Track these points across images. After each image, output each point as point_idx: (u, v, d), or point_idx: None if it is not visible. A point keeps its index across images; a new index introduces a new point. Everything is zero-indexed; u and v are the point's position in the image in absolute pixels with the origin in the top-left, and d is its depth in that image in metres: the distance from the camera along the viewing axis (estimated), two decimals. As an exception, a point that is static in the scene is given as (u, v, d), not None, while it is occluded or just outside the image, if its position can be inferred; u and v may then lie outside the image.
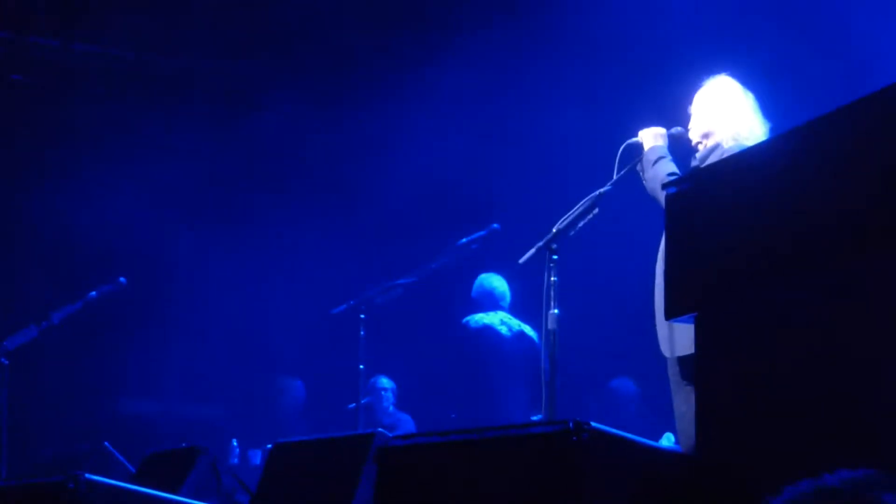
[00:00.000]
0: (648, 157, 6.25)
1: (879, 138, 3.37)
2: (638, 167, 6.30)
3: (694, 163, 6.24)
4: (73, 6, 11.25)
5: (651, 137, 6.33)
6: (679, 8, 9.61)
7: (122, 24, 11.34)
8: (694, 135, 6.31)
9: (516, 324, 9.69)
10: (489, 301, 9.83)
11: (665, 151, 6.25)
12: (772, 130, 6.17)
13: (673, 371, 5.97)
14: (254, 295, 12.13)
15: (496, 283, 9.88)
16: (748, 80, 6.42)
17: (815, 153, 3.60)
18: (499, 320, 9.68)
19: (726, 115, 6.23)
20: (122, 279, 9.37)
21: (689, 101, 6.41)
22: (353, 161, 11.84)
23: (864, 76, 8.20)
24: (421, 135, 11.19)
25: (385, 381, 11.49)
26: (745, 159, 4.25)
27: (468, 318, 9.70)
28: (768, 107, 6.32)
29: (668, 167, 6.11)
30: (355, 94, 11.80)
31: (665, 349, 5.95)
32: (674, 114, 6.51)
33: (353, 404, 9.04)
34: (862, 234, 3.36)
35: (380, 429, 4.97)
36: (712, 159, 6.06)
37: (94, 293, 9.27)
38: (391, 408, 11.39)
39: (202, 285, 12.20)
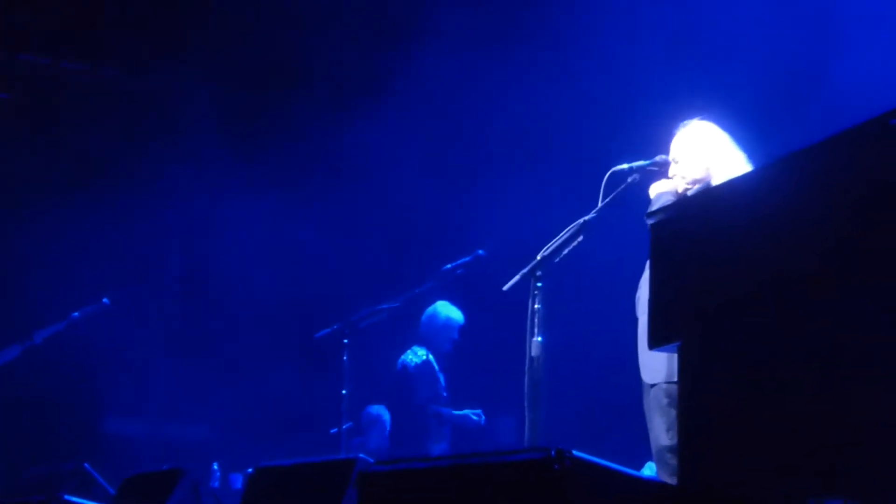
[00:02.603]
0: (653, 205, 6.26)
1: (862, 169, 3.39)
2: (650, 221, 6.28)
3: None
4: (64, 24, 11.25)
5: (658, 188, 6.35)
6: (663, 39, 9.68)
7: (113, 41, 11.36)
8: (681, 184, 6.31)
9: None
10: None
11: (671, 196, 6.26)
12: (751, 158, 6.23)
13: (657, 396, 5.97)
14: (237, 318, 12.12)
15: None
16: (719, 108, 6.47)
17: (798, 183, 3.61)
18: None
19: (712, 162, 6.26)
20: (105, 300, 9.37)
21: (671, 133, 6.44)
22: (338, 186, 11.83)
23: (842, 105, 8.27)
24: (407, 159, 11.21)
25: (385, 413, 11.54)
26: (729, 189, 4.26)
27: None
28: (742, 138, 6.37)
29: None
30: (343, 113, 11.79)
31: (656, 377, 5.95)
32: (660, 142, 6.53)
33: (336, 429, 9.03)
34: (845, 262, 3.37)
35: (361, 454, 4.95)
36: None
37: (76, 314, 9.27)
38: (386, 439, 11.44)
39: (186, 306, 12.18)
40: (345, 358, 8.71)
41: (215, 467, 11.01)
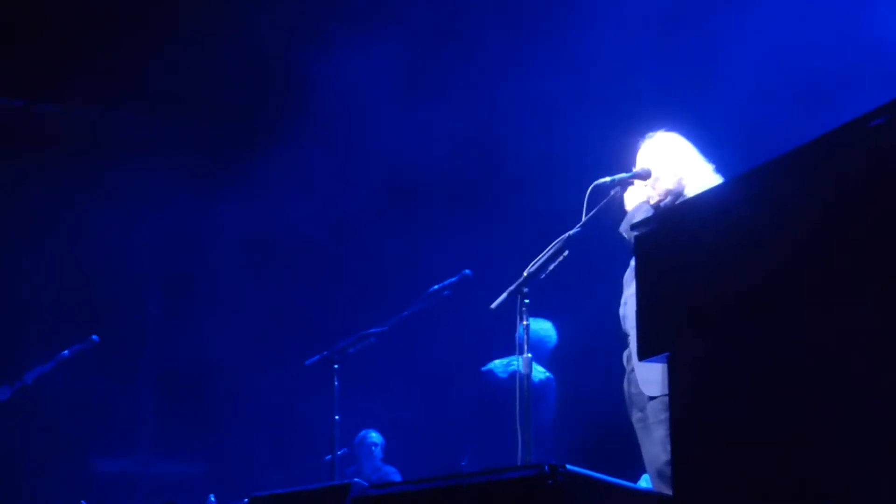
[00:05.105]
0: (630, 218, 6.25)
1: (845, 172, 3.38)
2: (626, 235, 6.27)
3: None
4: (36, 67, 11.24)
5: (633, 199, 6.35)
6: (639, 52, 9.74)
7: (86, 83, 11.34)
8: (654, 195, 6.31)
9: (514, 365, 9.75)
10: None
11: (649, 209, 6.25)
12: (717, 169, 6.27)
13: (657, 409, 5.94)
14: (227, 348, 12.10)
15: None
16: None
17: (781, 189, 3.60)
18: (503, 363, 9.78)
19: (684, 173, 6.27)
20: (94, 337, 9.32)
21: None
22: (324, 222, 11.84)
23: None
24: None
25: (375, 436, 11.54)
26: (713, 198, 4.25)
27: None
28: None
29: None
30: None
31: (655, 389, 5.91)
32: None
33: (329, 455, 9.00)
34: (835, 268, 3.36)
35: (356, 479, 4.95)
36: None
37: (66, 352, 9.22)
38: (378, 462, 11.43)
39: (175, 342, 12.16)
40: (336, 384, 8.68)
41: (212, 499, 10.98)
